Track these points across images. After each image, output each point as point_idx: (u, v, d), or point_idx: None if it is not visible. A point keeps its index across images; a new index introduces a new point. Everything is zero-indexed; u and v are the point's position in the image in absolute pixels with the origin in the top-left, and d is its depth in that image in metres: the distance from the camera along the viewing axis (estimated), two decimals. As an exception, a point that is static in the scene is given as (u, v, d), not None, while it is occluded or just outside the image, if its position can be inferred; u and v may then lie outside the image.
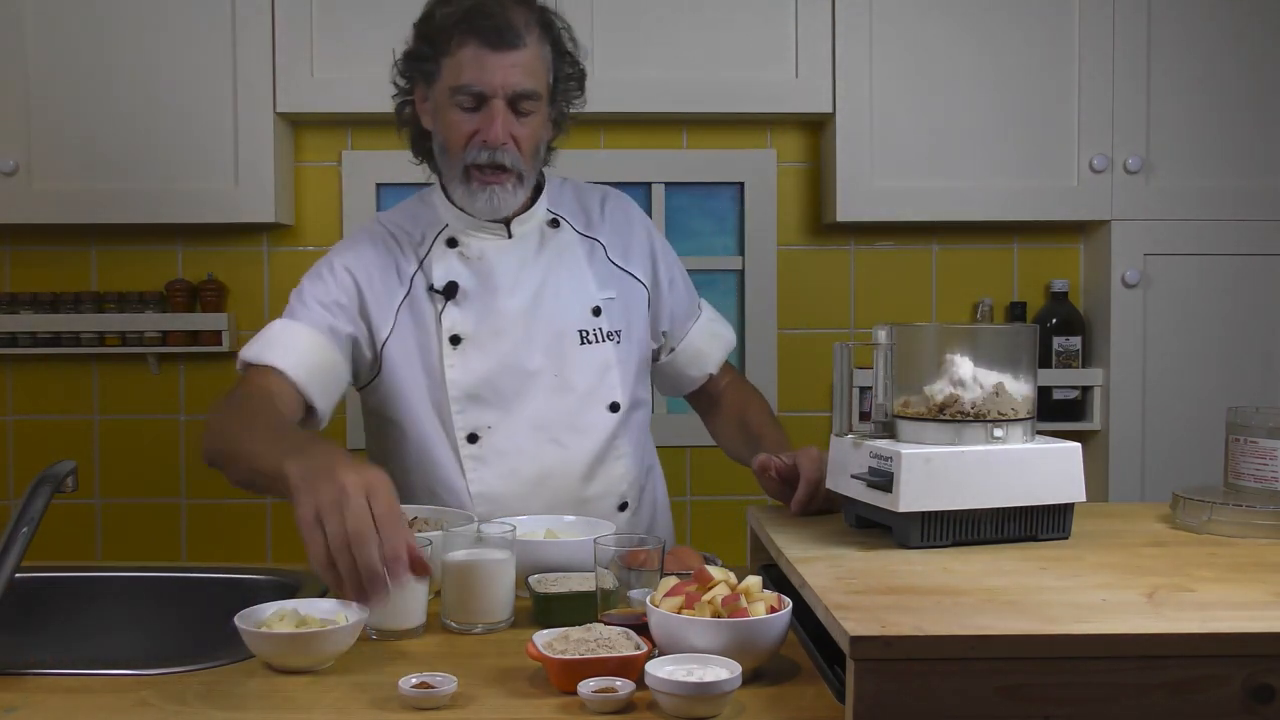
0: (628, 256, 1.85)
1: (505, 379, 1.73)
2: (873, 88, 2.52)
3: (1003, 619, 1.10)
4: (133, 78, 2.47)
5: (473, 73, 1.63)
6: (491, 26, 1.62)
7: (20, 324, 2.62)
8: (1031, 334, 1.48)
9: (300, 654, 1.26)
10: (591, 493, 1.78)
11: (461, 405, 1.72)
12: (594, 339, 1.76)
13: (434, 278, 1.74)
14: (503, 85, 1.63)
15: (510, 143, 1.66)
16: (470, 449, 1.73)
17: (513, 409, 1.73)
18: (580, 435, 1.76)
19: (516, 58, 1.63)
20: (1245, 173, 2.56)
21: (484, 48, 1.63)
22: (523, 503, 1.72)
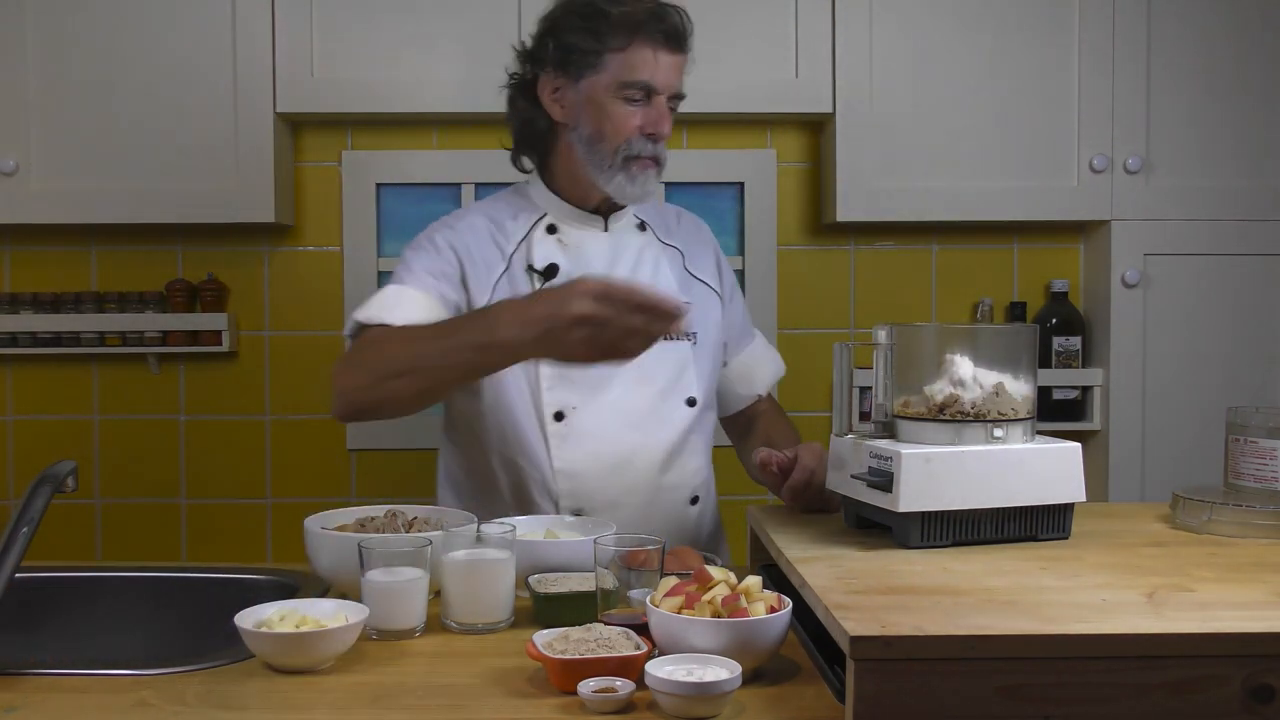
0: (702, 267, 1.94)
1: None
2: (873, 88, 2.52)
3: (1003, 619, 1.10)
4: (133, 78, 2.47)
5: (649, 70, 1.74)
6: (669, 30, 1.74)
7: (20, 324, 2.62)
8: (1031, 334, 1.48)
9: (300, 654, 1.26)
10: (667, 483, 1.82)
11: (551, 383, 1.77)
12: (674, 336, 1.81)
13: (534, 259, 1.80)
14: (668, 84, 1.76)
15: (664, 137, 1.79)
16: (556, 426, 1.78)
17: (598, 393, 1.78)
18: (659, 426, 1.82)
19: (680, 61, 1.77)
20: (1245, 173, 2.56)
21: (661, 48, 1.74)
22: (601, 484, 1.78)
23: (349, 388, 1.62)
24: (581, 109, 1.76)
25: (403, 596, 1.38)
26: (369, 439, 2.72)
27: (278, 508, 2.74)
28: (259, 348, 2.73)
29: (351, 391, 1.62)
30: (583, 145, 1.77)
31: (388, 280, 1.78)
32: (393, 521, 1.60)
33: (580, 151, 1.78)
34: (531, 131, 1.83)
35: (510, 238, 1.82)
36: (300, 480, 2.74)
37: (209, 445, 2.73)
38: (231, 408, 2.73)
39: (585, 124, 1.76)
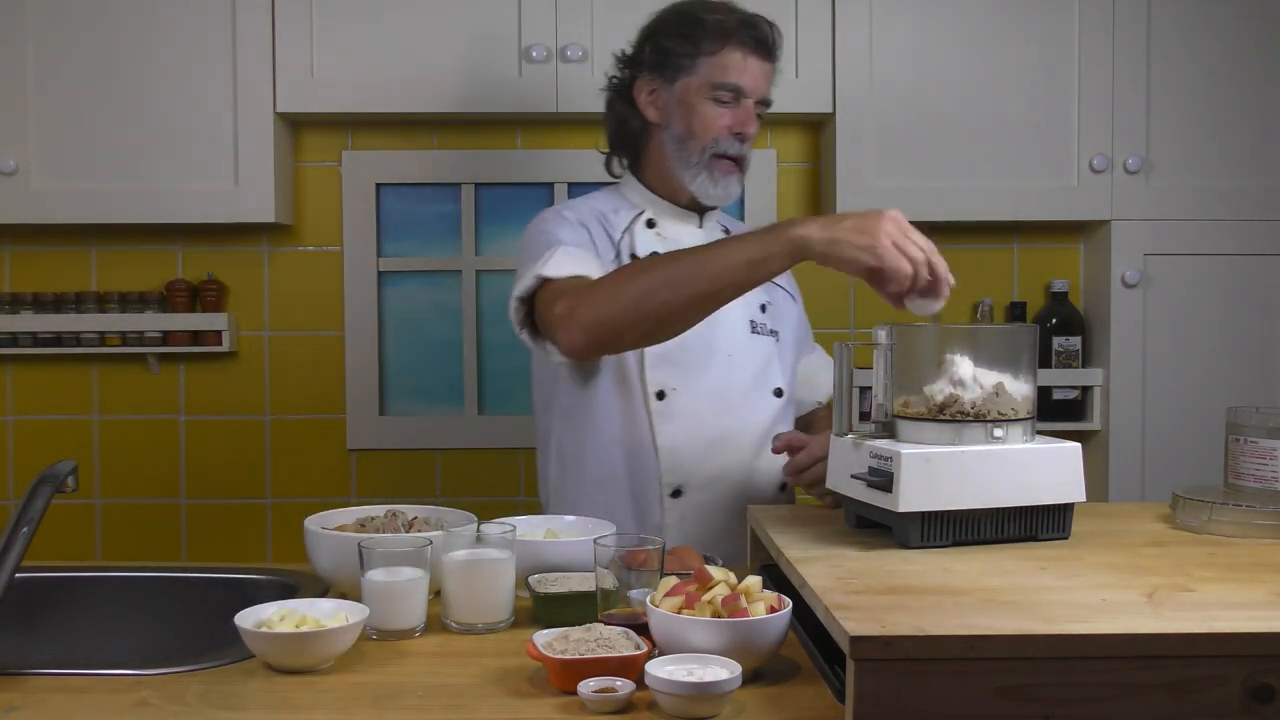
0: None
1: (692, 347, 1.84)
2: (873, 88, 2.52)
3: (1003, 619, 1.10)
4: (133, 78, 2.47)
5: (739, 73, 1.83)
6: (761, 37, 1.84)
7: (20, 324, 2.62)
8: (1031, 334, 1.48)
9: (300, 654, 1.26)
10: (759, 467, 1.89)
11: (654, 363, 1.85)
12: (761, 331, 1.93)
13: (637, 249, 1.88)
14: (755, 88, 1.85)
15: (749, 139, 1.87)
16: (658, 405, 1.85)
17: (695, 377, 1.86)
18: (751, 412, 1.89)
19: (769, 68, 1.87)
20: (1245, 173, 2.56)
21: (751, 54, 1.84)
22: (699, 462, 1.85)
23: (592, 318, 1.64)
24: (674, 109, 1.86)
25: (403, 596, 1.38)
26: (369, 439, 2.72)
27: (278, 508, 2.74)
28: (259, 348, 2.73)
29: (600, 319, 1.64)
30: (673, 144, 1.87)
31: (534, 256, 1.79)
32: (393, 521, 1.60)
33: (670, 150, 1.87)
34: (626, 133, 1.93)
35: (615, 228, 1.91)
36: (300, 480, 2.74)
37: (209, 445, 2.73)
38: (231, 408, 2.73)
39: (676, 123, 1.86)
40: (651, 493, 1.86)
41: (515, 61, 2.47)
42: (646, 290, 1.60)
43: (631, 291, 1.61)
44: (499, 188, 2.75)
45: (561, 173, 2.73)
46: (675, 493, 1.86)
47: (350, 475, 2.75)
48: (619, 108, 1.93)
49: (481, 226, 2.75)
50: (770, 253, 1.54)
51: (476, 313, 2.75)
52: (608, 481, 1.88)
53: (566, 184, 2.73)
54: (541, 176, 2.72)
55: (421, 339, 2.76)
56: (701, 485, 1.86)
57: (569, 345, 1.69)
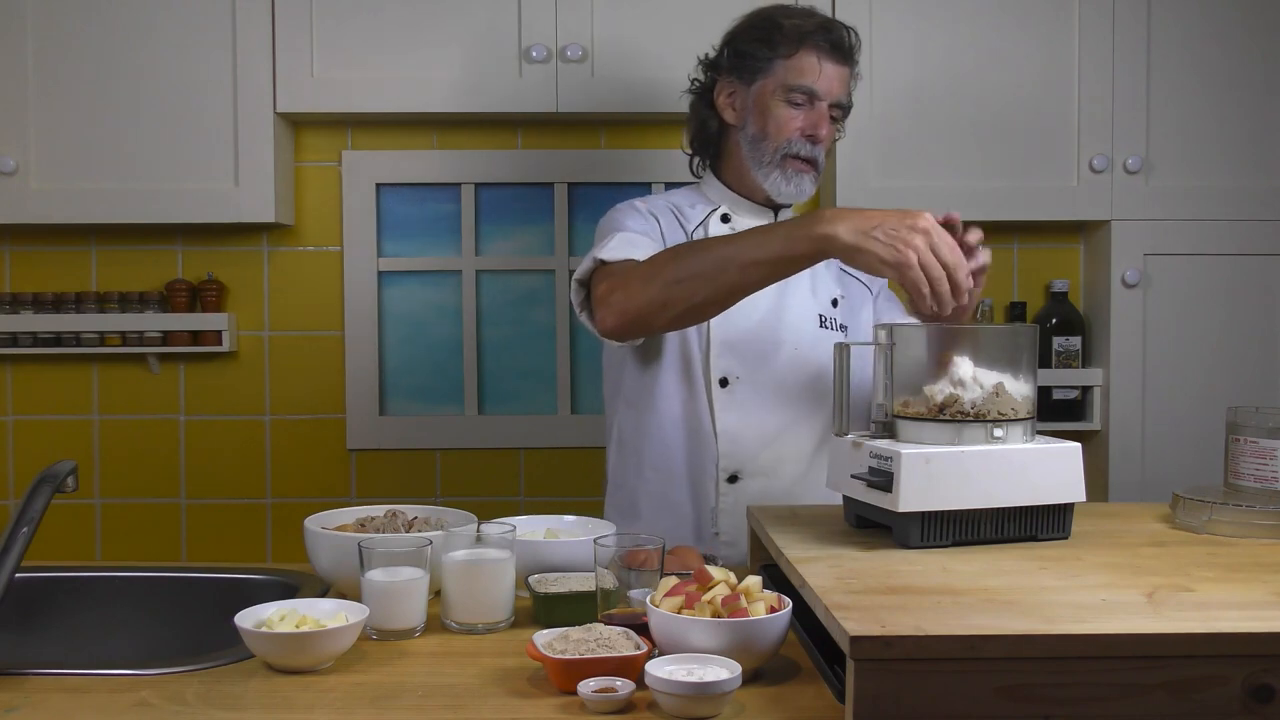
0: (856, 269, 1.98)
1: (758, 338, 1.89)
2: (872, 87, 2.52)
3: (1002, 619, 1.10)
4: (133, 78, 2.47)
5: (813, 76, 1.86)
6: (836, 42, 1.88)
7: (20, 324, 2.62)
8: (1031, 334, 1.48)
9: (300, 654, 1.26)
10: (819, 461, 1.90)
11: (719, 350, 1.88)
12: (830, 326, 1.94)
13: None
14: (830, 91, 1.88)
15: (822, 140, 1.89)
16: (720, 392, 1.89)
17: (759, 367, 1.89)
18: (814, 406, 1.91)
19: (845, 73, 1.90)
20: (1245, 173, 2.56)
21: (826, 58, 1.87)
22: (758, 450, 1.88)
23: (628, 301, 1.69)
24: (750, 111, 1.91)
25: (403, 596, 1.38)
26: (369, 439, 2.73)
27: (278, 508, 2.74)
28: (259, 348, 2.73)
29: (635, 303, 1.69)
30: (748, 144, 1.91)
31: (603, 241, 1.83)
32: (393, 521, 1.60)
33: (746, 150, 1.92)
34: (706, 134, 1.98)
35: (690, 221, 1.95)
36: (300, 480, 2.74)
37: (209, 445, 2.73)
38: (231, 408, 2.73)
39: (752, 124, 1.91)
40: (709, 477, 1.89)
41: (515, 61, 2.47)
42: (676, 280, 1.65)
43: (662, 280, 1.66)
44: (499, 188, 2.75)
45: (561, 173, 2.73)
46: (732, 478, 1.89)
47: (350, 475, 2.75)
48: (700, 110, 1.99)
49: (481, 226, 2.75)
50: (797, 251, 1.57)
51: (476, 313, 2.75)
52: (665, 465, 1.92)
53: (566, 184, 2.73)
54: (541, 176, 2.72)
55: (421, 339, 2.76)
56: (759, 472, 1.89)
57: (605, 326, 1.74)
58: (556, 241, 2.74)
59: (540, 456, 2.76)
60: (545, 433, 2.75)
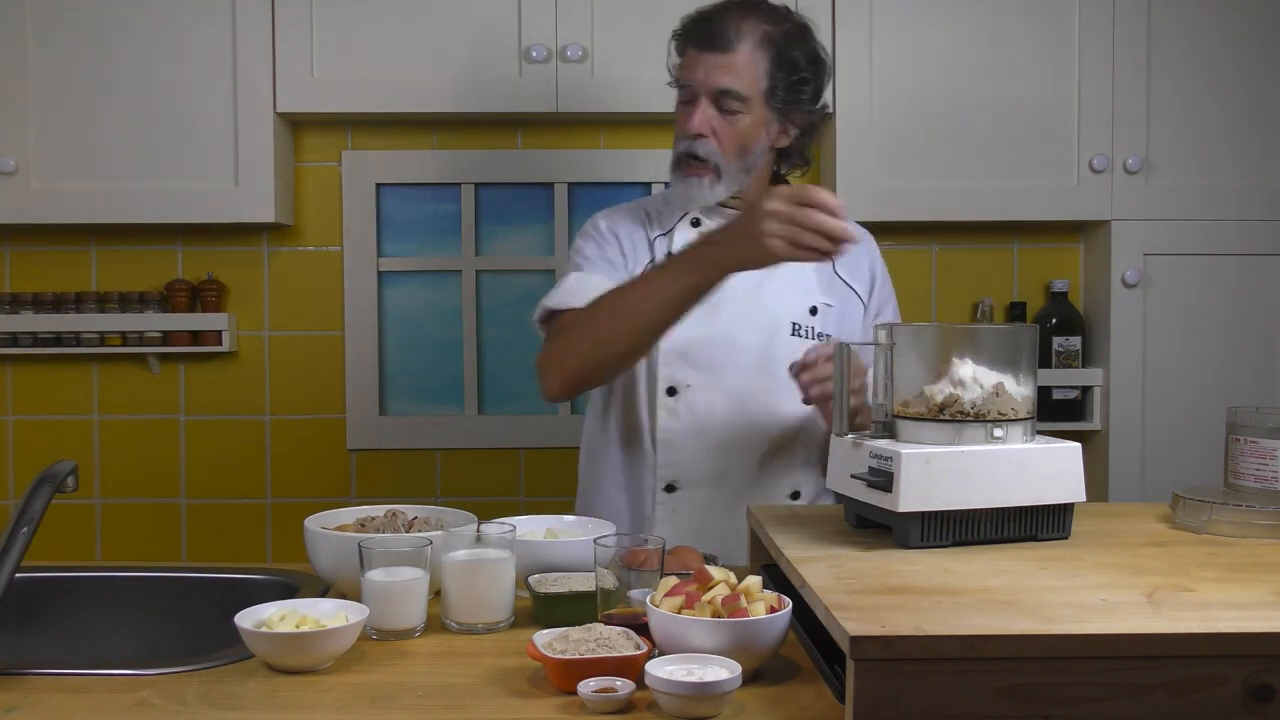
0: (855, 275, 1.96)
1: (714, 348, 1.86)
2: (873, 88, 2.52)
3: (1003, 619, 1.10)
4: (133, 78, 2.47)
5: (688, 70, 1.82)
6: (704, 30, 1.81)
7: (20, 324, 2.62)
8: (1031, 334, 1.48)
9: (300, 654, 1.26)
10: (767, 472, 1.88)
11: (669, 360, 1.86)
12: (804, 334, 1.88)
13: (674, 246, 1.89)
14: (705, 81, 1.79)
15: (710, 137, 1.80)
16: (667, 401, 1.87)
17: (715, 376, 1.86)
18: (771, 416, 1.87)
19: (723, 60, 1.78)
20: (1245, 173, 2.56)
21: (696, 49, 1.81)
22: (698, 461, 1.86)
23: (561, 368, 1.76)
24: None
25: (403, 596, 1.38)
26: (369, 439, 2.73)
27: (278, 508, 2.74)
28: (259, 348, 2.73)
29: (566, 370, 1.76)
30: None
31: (561, 278, 1.90)
32: (393, 521, 1.60)
33: None
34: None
35: (659, 226, 1.93)
36: (300, 480, 2.74)
37: (209, 445, 2.73)
38: (231, 408, 2.73)
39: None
40: (647, 486, 1.88)
41: (515, 61, 2.47)
42: (599, 339, 1.70)
43: (588, 342, 1.72)
44: (499, 188, 2.75)
45: (561, 173, 2.73)
46: (669, 488, 1.87)
47: (350, 475, 2.75)
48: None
49: (481, 226, 2.75)
50: (700, 280, 1.62)
51: (476, 313, 2.75)
52: (613, 472, 1.92)
53: (566, 184, 2.73)
54: (541, 176, 2.72)
55: (421, 339, 2.76)
56: (700, 482, 1.87)
57: (550, 394, 1.80)
58: (556, 241, 2.74)
59: (540, 456, 2.76)
60: (545, 433, 2.75)
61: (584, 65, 2.47)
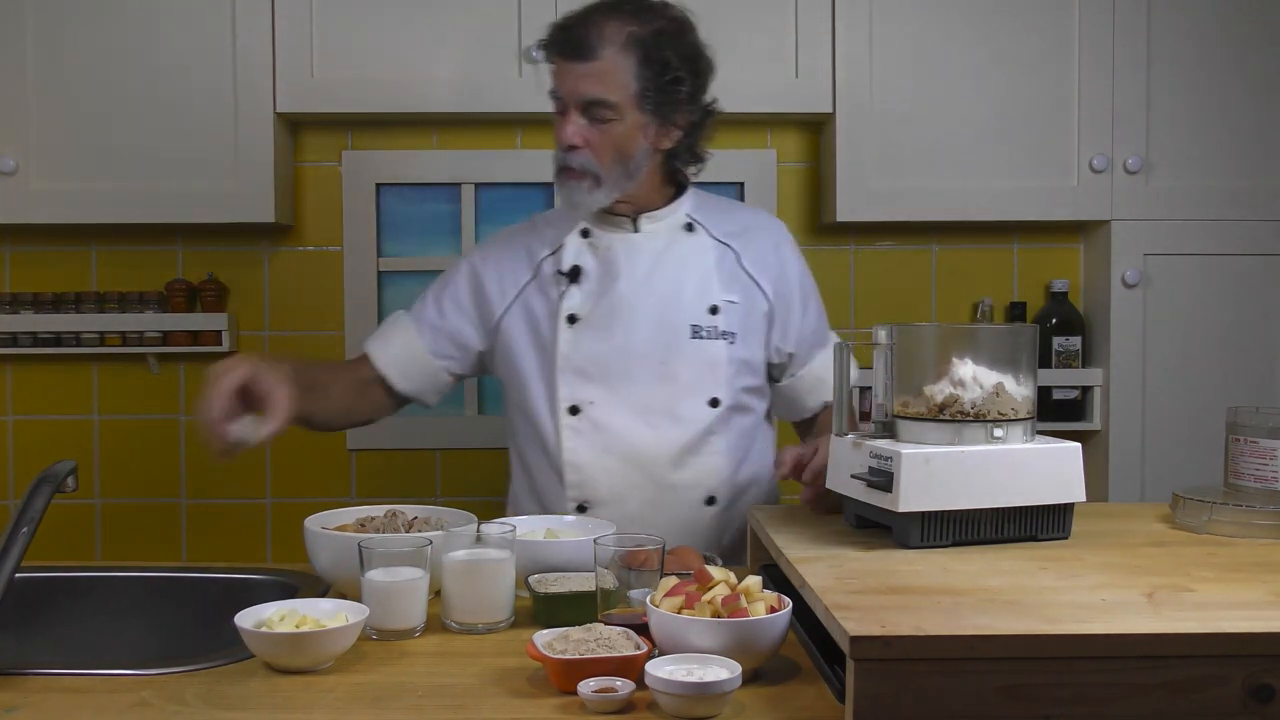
0: (761, 269, 1.91)
1: (613, 360, 1.83)
2: (873, 88, 2.52)
3: (1003, 619, 1.10)
4: (133, 78, 2.47)
5: (556, 80, 1.79)
6: (565, 39, 1.76)
7: (20, 324, 2.62)
8: (1031, 334, 1.48)
9: (300, 654, 1.26)
10: (679, 480, 1.85)
11: (567, 379, 1.84)
12: (706, 335, 1.85)
13: (563, 263, 1.88)
14: (571, 91, 1.76)
15: (584, 148, 1.77)
16: (570, 420, 1.84)
17: (617, 389, 1.83)
18: (676, 423, 1.84)
19: (589, 68, 1.74)
20: (1245, 173, 2.56)
21: (560, 59, 1.77)
22: (609, 477, 1.83)
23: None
24: None
25: (403, 596, 1.38)
26: (369, 439, 2.72)
27: (278, 508, 2.74)
28: (259, 348, 2.73)
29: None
30: None
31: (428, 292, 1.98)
32: (393, 521, 1.60)
33: None
34: None
35: (547, 246, 1.91)
36: (300, 480, 2.74)
37: (209, 445, 2.73)
38: (231, 408, 2.73)
39: None
40: (558, 508, 1.85)
41: (515, 61, 2.47)
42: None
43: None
44: (499, 188, 2.75)
45: (561, 173, 2.72)
46: (580, 508, 1.84)
47: (350, 475, 2.75)
48: None
49: (481, 226, 2.75)
50: None
51: (476, 313, 2.75)
52: (526, 494, 1.93)
53: (566, 184, 2.73)
54: (541, 176, 2.72)
55: (421, 339, 2.75)
56: (609, 499, 1.83)
57: None
58: (556, 241, 2.74)
59: (540, 456, 2.76)
60: (545, 433, 2.75)
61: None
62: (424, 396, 1.96)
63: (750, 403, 1.91)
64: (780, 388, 1.98)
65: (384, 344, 1.93)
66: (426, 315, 1.93)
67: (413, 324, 1.93)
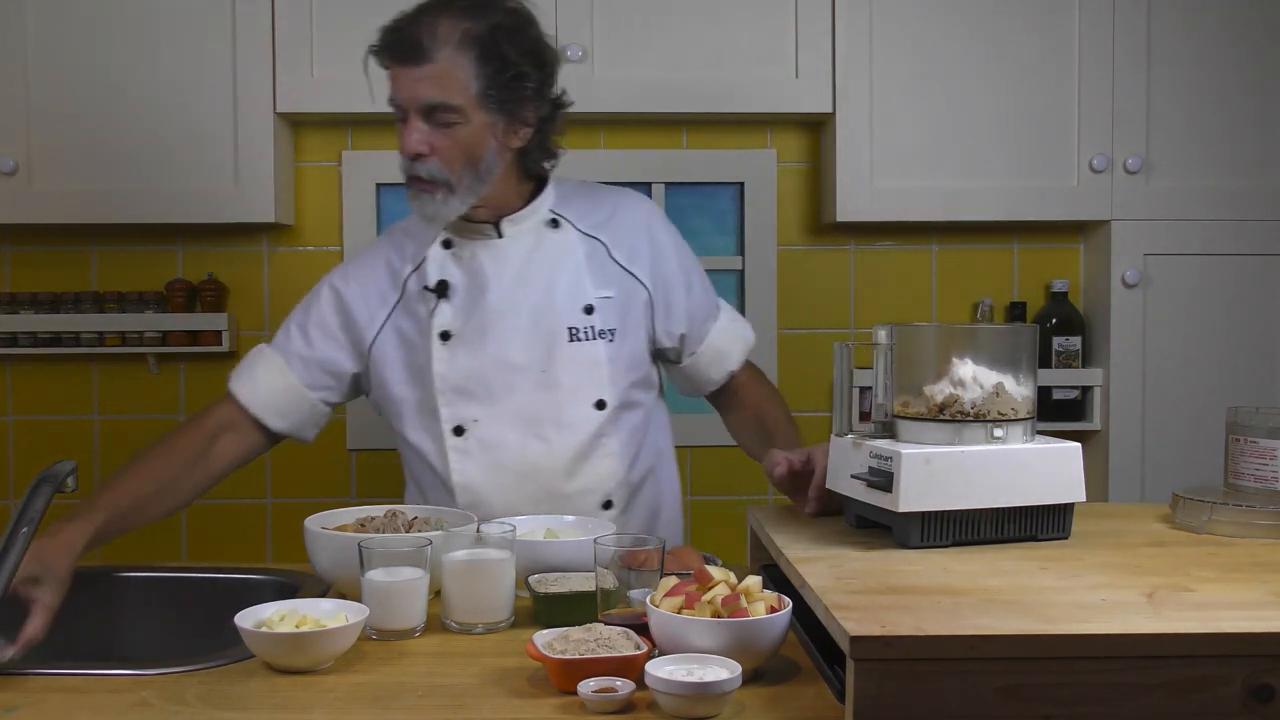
0: (633, 258, 1.85)
1: (492, 374, 1.77)
2: (873, 88, 2.52)
3: (1003, 619, 1.10)
4: (133, 78, 2.47)
5: (393, 87, 1.69)
6: (397, 42, 1.66)
7: (20, 324, 2.62)
8: (1031, 334, 1.48)
9: (300, 654, 1.26)
10: (573, 488, 1.80)
11: (448, 399, 1.78)
12: (584, 337, 1.79)
13: (428, 277, 1.80)
14: (409, 98, 1.67)
15: (430, 155, 1.69)
16: (455, 441, 1.79)
17: (499, 403, 1.78)
18: (564, 431, 1.78)
19: (425, 71, 1.65)
20: (1245, 173, 2.56)
21: (395, 64, 1.67)
22: (504, 495, 1.77)
23: None
24: None
25: (403, 596, 1.38)
26: (369, 439, 2.72)
27: (278, 508, 2.74)
28: (259, 348, 2.73)
29: None
30: None
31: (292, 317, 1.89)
32: (393, 521, 1.60)
33: None
34: None
35: (409, 261, 1.82)
36: (300, 480, 2.74)
37: (209, 445, 2.73)
38: (231, 408, 2.73)
39: None
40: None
41: (515, 61, 2.47)
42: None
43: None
44: (499, 188, 2.75)
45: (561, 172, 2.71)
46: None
47: (350, 475, 2.75)
48: None
49: (481, 226, 2.75)
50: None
51: (476, 313, 2.75)
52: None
53: (566, 184, 2.73)
54: (541, 176, 2.72)
55: (421, 339, 2.75)
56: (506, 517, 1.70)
57: None
58: (556, 241, 2.74)
59: (540, 456, 2.76)
60: (545, 433, 2.75)
61: (584, 65, 2.47)
62: (302, 432, 1.86)
63: (638, 398, 1.86)
64: (681, 368, 1.94)
65: (251, 383, 1.81)
66: (293, 347, 1.83)
67: (280, 357, 1.82)
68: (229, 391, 1.82)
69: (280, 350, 1.84)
